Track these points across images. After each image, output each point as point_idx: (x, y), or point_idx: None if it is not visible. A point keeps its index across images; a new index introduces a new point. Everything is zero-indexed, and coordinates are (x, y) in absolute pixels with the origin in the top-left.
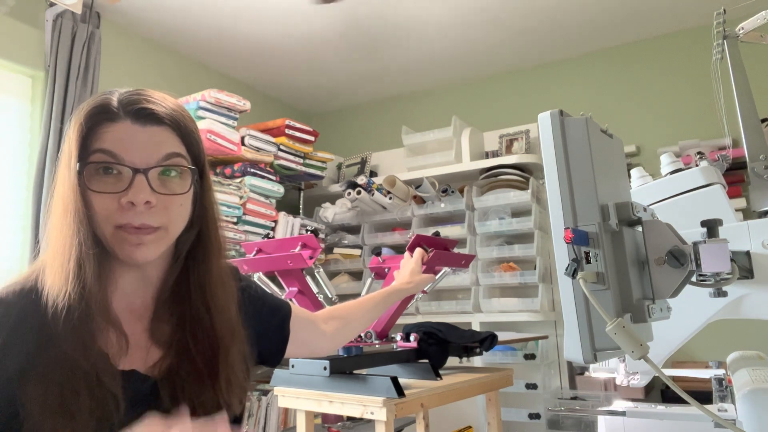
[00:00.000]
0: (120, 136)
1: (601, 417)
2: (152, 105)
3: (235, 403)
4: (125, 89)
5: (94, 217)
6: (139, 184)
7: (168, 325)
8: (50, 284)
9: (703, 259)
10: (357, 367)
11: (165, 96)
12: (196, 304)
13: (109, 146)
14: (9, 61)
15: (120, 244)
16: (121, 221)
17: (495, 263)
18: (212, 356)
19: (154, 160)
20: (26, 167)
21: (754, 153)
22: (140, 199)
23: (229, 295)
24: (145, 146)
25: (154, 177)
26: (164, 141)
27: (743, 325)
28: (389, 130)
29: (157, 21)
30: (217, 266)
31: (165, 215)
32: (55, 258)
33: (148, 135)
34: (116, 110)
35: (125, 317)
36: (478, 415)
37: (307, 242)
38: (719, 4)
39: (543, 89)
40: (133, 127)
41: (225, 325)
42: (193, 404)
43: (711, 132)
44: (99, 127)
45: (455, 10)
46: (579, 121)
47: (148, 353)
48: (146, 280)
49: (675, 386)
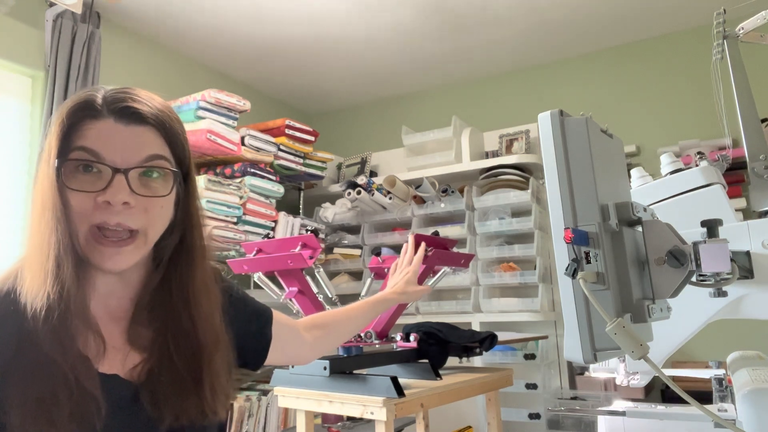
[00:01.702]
0: (102, 134)
1: (601, 417)
2: (137, 104)
3: (221, 410)
4: (112, 87)
5: (71, 215)
6: (118, 184)
7: (148, 330)
8: (29, 284)
9: (703, 259)
10: (357, 367)
11: (152, 96)
12: (177, 311)
13: (90, 144)
14: (9, 61)
15: (92, 252)
16: (96, 220)
17: (495, 263)
18: (195, 363)
19: (135, 160)
20: (26, 167)
21: (754, 153)
22: (118, 200)
23: (213, 302)
24: (127, 146)
25: (134, 177)
26: (147, 142)
27: (743, 325)
28: (389, 130)
29: (157, 21)
30: (201, 273)
31: (144, 217)
32: (33, 257)
33: (131, 134)
34: (100, 108)
35: (102, 319)
36: (478, 415)
37: (307, 242)
38: (719, 4)
39: (543, 89)
40: (116, 126)
41: (209, 332)
42: (176, 411)
43: (711, 132)
44: (81, 124)
45: (455, 10)
46: (579, 121)
47: (127, 357)
48: (124, 282)
49: (675, 386)
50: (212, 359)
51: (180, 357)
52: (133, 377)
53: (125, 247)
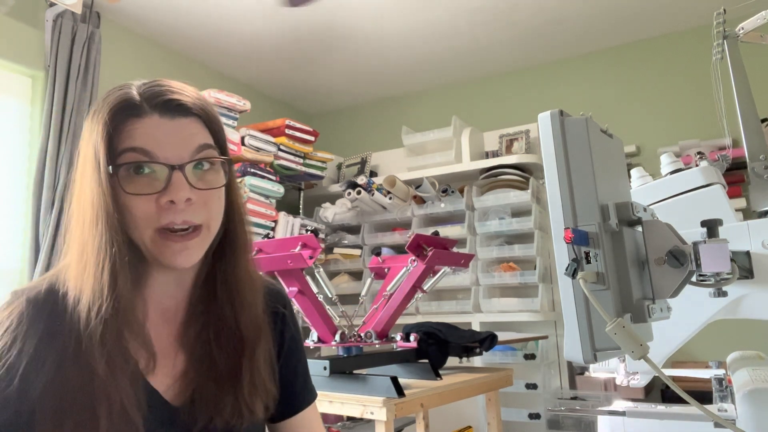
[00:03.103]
0: (149, 132)
1: (601, 417)
2: (177, 95)
3: (258, 407)
4: (140, 81)
5: (130, 221)
6: (178, 181)
7: (195, 328)
8: (83, 296)
9: (703, 259)
10: (357, 367)
11: (184, 85)
12: (221, 304)
13: (140, 143)
14: (9, 61)
15: (161, 250)
16: (162, 222)
17: (495, 263)
18: (236, 356)
19: (187, 154)
20: (26, 167)
21: (754, 153)
22: (181, 197)
23: (256, 294)
24: (176, 140)
25: (189, 172)
26: (195, 133)
27: (743, 325)
28: (389, 130)
29: (157, 21)
30: (244, 262)
31: (205, 211)
32: (86, 268)
33: (178, 128)
34: (140, 104)
35: (155, 321)
36: (478, 415)
37: (307, 242)
38: (719, 4)
39: (543, 89)
40: (162, 121)
41: (251, 322)
42: (210, 413)
43: (711, 132)
44: (125, 125)
45: (455, 10)
46: (579, 121)
47: (175, 361)
48: (179, 282)
49: (675, 386)
50: (254, 351)
51: (221, 351)
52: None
53: (192, 241)
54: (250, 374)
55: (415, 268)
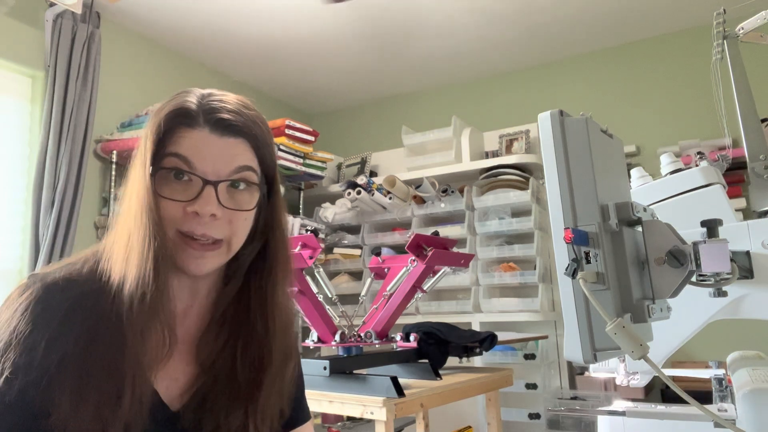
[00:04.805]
0: (196, 144)
1: (601, 417)
2: (232, 115)
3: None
4: (202, 91)
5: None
6: (208, 196)
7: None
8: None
9: (703, 259)
10: (357, 367)
11: (243, 102)
12: (253, 320)
13: (184, 151)
14: (9, 61)
15: (180, 252)
16: (183, 228)
17: (495, 263)
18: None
19: (225, 172)
20: (26, 167)
21: (754, 153)
22: (206, 211)
23: (289, 320)
24: (219, 157)
25: (222, 190)
26: (239, 153)
27: (743, 325)
28: (389, 130)
29: (157, 21)
30: (282, 286)
31: (228, 228)
32: (131, 256)
33: (224, 146)
34: (196, 116)
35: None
36: (478, 415)
37: (307, 242)
38: (719, 4)
39: (543, 89)
40: (211, 137)
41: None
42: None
43: (711, 132)
44: (176, 131)
45: (455, 10)
46: (579, 121)
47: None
48: (192, 289)
49: (675, 386)
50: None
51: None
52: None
53: (209, 252)
54: (268, 395)
55: (415, 268)
